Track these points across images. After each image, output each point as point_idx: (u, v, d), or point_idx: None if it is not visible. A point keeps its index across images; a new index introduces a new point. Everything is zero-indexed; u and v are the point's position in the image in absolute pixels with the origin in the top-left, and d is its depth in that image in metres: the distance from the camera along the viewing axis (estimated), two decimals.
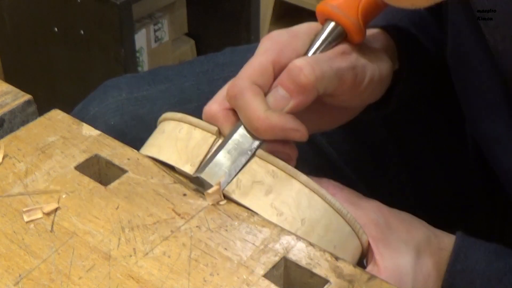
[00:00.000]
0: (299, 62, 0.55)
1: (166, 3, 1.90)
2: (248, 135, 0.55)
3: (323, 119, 0.64)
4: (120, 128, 0.77)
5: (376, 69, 0.60)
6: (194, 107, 0.78)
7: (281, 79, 0.55)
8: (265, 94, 0.56)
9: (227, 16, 1.91)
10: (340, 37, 0.59)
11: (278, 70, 0.56)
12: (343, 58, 0.58)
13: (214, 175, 0.54)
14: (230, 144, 0.55)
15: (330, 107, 0.62)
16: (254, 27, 1.92)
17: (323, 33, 0.58)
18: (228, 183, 0.54)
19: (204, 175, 0.54)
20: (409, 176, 0.81)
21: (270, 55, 0.56)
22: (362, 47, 0.60)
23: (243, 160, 0.54)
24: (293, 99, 0.55)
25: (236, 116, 0.56)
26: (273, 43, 0.57)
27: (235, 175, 0.54)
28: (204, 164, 0.55)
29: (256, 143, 0.55)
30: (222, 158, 0.54)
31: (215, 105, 0.57)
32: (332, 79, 0.56)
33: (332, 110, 0.63)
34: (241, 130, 0.55)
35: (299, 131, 0.55)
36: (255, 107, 0.54)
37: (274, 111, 0.54)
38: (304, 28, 0.60)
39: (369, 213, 0.57)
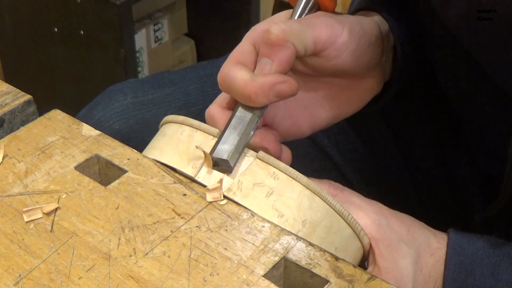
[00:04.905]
0: (268, 27, 0.57)
1: (166, 3, 1.89)
2: (247, 110, 0.57)
3: (337, 100, 0.65)
4: (126, 132, 0.77)
5: (355, 23, 0.61)
6: (199, 110, 0.79)
7: (260, 51, 0.58)
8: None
9: (227, 16, 1.91)
10: (314, 7, 0.62)
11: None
12: (314, 15, 0.60)
13: (225, 150, 0.54)
14: (234, 121, 0.56)
15: (339, 86, 0.64)
16: None
17: (298, 6, 0.61)
18: (237, 158, 0.55)
19: (216, 154, 0.54)
20: (411, 177, 0.81)
21: (249, 38, 0.60)
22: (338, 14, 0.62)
23: (250, 131, 0.56)
24: (274, 60, 0.56)
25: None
26: (252, 30, 0.60)
27: (243, 148, 0.55)
28: (214, 145, 0.55)
29: (257, 112, 0.56)
30: (229, 134, 0.55)
31: (214, 106, 0.59)
32: (303, 30, 0.58)
33: (341, 88, 0.65)
34: (240, 108, 0.57)
35: (286, 81, 0.56)
36: (240, 77, 0.55)
37: (259, 75, 0.56)
38: (282, 14, 0.63)
39: (370, 214, 0.57)
